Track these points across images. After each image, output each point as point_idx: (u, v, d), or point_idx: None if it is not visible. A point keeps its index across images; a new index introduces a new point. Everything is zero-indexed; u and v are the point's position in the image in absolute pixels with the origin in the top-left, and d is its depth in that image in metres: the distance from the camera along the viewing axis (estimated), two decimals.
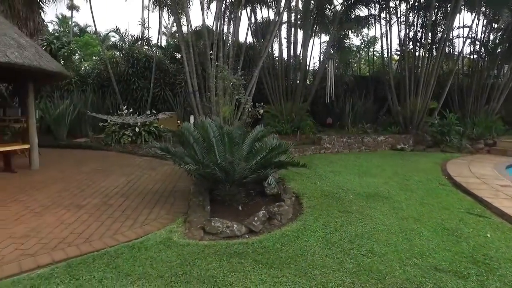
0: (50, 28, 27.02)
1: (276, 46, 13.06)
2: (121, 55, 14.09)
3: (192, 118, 7.85)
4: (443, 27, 12.29)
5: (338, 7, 13.67)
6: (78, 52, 17.29)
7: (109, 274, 2.84)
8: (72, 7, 24.95)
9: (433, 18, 11.81)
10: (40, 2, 10.80)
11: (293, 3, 13.37)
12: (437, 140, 10.98)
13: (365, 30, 16.96)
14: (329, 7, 13.28)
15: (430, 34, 11.84)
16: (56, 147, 9.69)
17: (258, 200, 5.13)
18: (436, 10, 12.15)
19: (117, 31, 16.27)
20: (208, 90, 9.01)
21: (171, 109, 12.49)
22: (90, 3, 12.00)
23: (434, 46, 12.43)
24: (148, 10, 31.10)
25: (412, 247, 3.50)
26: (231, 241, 3.61)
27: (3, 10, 8.67)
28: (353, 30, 16.15)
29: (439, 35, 12.34)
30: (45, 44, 13.45)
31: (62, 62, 13.45)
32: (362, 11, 13.64)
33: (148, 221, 4.11)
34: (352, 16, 13.72)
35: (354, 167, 7.90)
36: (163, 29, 25.82)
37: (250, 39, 13.07)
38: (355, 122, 12.75)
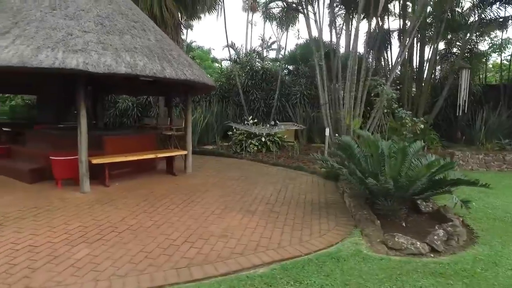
0: None
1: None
2: (239, 68, 15.11)
3: (327, 130, 8.00)
4: None
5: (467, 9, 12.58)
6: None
7: (325, 281, 3.04)
8: (188, 26, 27.67)
9: None
10: (182, 26, 12.40)
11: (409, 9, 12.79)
12: None
13: (493, 34, 15.27)
14: (458, 10, 12.30)
15: None
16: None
17: (414, 217, 5.03)
18: None
19: (232, 45, 17.53)
20: (336, 102, 9.11)
21: (288, 119, 12.92)
22: (224, 21, 13.31)
23: None
24: (252, 24, 32.95)
25: None
26: (420, 259, 3.57)
27: None
28: (479, 34, 14.67)
29: None
30: None
31: None
32: (506, 10, 12.35)
33: (324, 232, 4.29)
34: (488, 18, 12.47)
35: (505, 188, 7.22)
36: (262, 42, 27.28)
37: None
38: (486, 137, 11.49)
